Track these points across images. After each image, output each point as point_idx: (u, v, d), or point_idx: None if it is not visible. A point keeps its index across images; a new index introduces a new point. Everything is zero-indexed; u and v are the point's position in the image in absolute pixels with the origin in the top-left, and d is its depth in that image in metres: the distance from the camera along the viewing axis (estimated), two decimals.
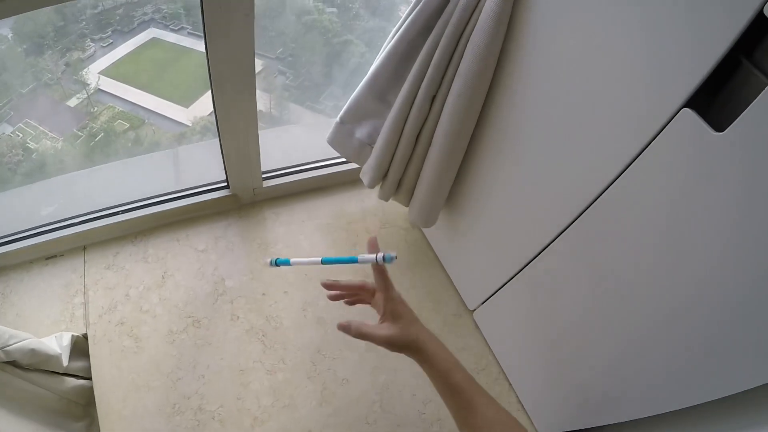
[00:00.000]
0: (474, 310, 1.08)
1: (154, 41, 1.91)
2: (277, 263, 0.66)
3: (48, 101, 1.78)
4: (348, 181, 1.30)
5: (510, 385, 1.02)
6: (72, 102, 1.82)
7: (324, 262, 0.66)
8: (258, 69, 1.81)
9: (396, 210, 1.26)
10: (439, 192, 0.97)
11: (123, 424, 0.88)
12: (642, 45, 0.55)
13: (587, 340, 0.78)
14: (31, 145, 1.70)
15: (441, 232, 1.14)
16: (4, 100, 1.62)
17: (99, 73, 1.83)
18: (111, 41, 1.84)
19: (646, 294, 0.64)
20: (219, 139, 1.02)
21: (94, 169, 1.31)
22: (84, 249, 1.09)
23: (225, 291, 1.07)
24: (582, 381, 0.82)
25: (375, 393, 0.98)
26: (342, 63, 1.76)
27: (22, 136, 1.68)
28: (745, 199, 0.49)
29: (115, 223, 1.08)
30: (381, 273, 0.65)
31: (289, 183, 1.22)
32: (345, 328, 0.66)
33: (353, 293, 0.70)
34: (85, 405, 0.94)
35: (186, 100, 1.91)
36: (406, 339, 0.64)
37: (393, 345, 0.64)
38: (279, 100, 1.96)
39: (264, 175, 1.18)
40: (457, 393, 0.62)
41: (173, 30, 1.91)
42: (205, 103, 0.95)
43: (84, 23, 1.77)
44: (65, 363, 0.88)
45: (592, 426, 0.84)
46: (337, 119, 1.01)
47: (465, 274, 1.11)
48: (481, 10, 0.72)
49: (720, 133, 0.49)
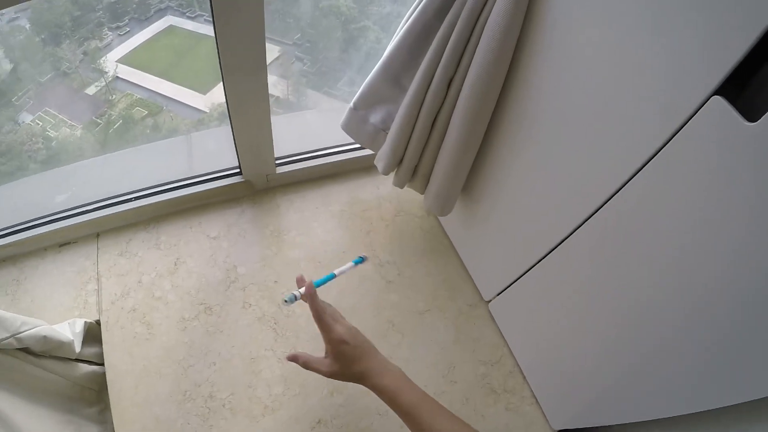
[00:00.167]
0: (490, 300, 1.06)
1: (170, 29, 1.92)
2: (288, 300, 0.71)
3: (66, 90, 1.79)
4: (362, 168, 1.27)
5: (524, 378, 0.99)
6: (90, 90, 1.84)
7: (316, 285, 0.75)
8: (275, 55, 1.81)
9: (411, 197, 1.23)
10: (456, 179, 0.94)
11: (134, 410, 0.88)
12: (672, 25, 0.52)
13: (606, 336, 0.75)
14: (51, 133, 1.72)
15: (457, 220, 1.11)
16: (23, 89, 1.64)
17: (117, 61, 1.84)
18: (128, 29, 1.85)
19: (668, 291, 0.61)
20: (231, 125, 1.01)
21: (107, 156, 1.31)
22: (97, 236, 1.09)
23: (237, 278, 1.06)
24: (598, 378, 0.79)
25: None
26: (359, 48, 1.74)
27: (41, 124, 1.70)
28: None
29: (128, 210, 1.08)
30: (317, 321, 0.73)
31: (303, 169, 1.21)
32: (293, 358, 0.74)
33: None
34: (98, 391, 0.94)
35: (203, 86, 1.91)
36: (346, 377, 0.72)
37: (333, 377, 0.73)
38: (296, 86, 1.96)
39: (277, 161, 1.17)
40: (405, 415, 0.68)
41: (190, 17, 1.91)
42: (222, 90, 0.95)
43: (101, 12, 1.78)
44: (78, 349, 0.88)
45: (606, 424, 0.81)
46: (351, 104, 0.99)
47: (481, 263, 1.08)
48: None
49: (753, 123, 0.46)
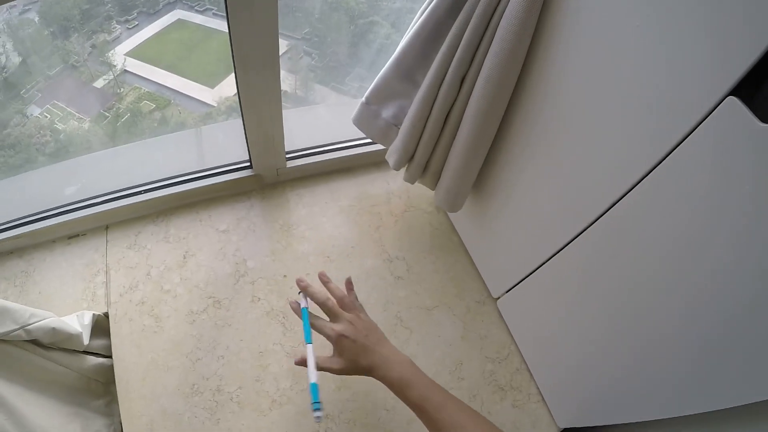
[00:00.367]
0: (498, 298, 1.05)
1: (179, 23, 1.92)
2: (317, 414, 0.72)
3: (75, 83, 1.80)
4: (373, 163, 1.27)
5: (531, 376, 0.99)
6: (99, 83, 1.84)
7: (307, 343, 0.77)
8: (284, 50, 1.80)
9: (422, 193, 1.23)
10: (467, 176, 0.93)
11: (142, 402, 0.88)
12: (687, 26, 0.51)
13: (614, 335, 0.74)
14: (59, 126, 1.72)
15: (467, 217, 1.11)
16: (32, 82, 1.64)
17: (125, 55, 1.85)
18: (137, 23, 1.85)
19: (679, 291, 0.60)
20: (242, 119, 1.00)
21: (117, 149, 1.31)
22: (106, 228, 1.09)
23: (246, 272, 1.05)
24: (604, 377, 0.79)
25: None
26: (368, 44, 1.74)
27: (50, 117, 1.70)
28: None
29: (138, 203, 1.08)
30: (313, 329, 0.77)
31: (313, 163, 1.20)
32: (302, 363, 0.76)
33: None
34: (106, 383, 0.94)
35: (211, 80, 1.92)
36: (355, 370, 0.75)
37: (346, 374, 0.75)
38: (304, 80, 1.95)
39: (288, 156, 1.16)
40: (417, 409, 0.70)
41: (198, 11, 1.91)
42: (231, 84, 0.95)
43: (110, 5, 1.79)
44: (86, 341, 0.87)
45: (612, 423, 0.81)
46: (363, 99, 0.98)
47: (490, 260, 1.07)
48: None
49: (767, 125, 0.45)
